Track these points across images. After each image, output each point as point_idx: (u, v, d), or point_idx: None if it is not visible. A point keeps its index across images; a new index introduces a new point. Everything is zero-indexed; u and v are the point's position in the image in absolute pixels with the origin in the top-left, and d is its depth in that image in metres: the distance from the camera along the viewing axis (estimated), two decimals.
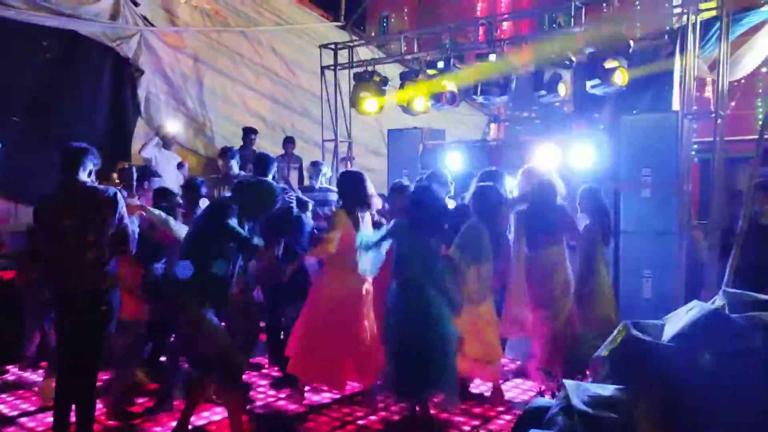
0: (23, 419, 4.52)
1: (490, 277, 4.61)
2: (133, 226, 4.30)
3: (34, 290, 5.07)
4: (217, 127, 8.77)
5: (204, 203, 4.98)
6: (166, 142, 7.57)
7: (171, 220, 4.46)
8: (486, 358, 4.62)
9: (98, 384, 3.95)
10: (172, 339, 4.82)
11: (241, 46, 9.04)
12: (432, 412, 4.40)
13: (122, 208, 3.78)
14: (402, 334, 4.18)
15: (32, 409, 4.68)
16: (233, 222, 3.87)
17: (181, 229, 4.39)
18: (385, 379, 4.40)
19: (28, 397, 4.93)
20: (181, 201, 5.05)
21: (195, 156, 8.49)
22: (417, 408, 4.33)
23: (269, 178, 4.80)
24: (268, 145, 8.67)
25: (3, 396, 4.98)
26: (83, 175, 3.77)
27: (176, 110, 8.35)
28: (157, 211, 4.44)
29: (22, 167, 6.45)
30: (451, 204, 5.02)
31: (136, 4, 7.95)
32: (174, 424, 4.03)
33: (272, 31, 9.30)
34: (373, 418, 4.55)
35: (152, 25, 8.13)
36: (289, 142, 8.25)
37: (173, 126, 7.76)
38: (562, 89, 6.76)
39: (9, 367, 5.57)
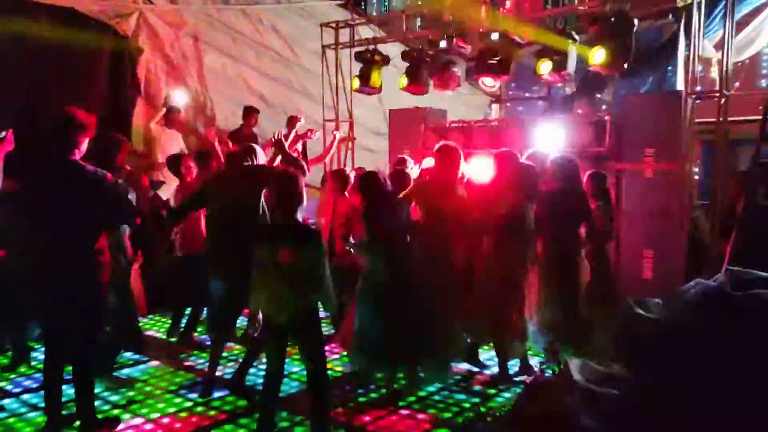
0: (27, 396, 4.57)
1: None
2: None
3: None
4: (218, 107, 8.71)
5: None
6: (169, 121, 7.53)
7: None
8: None
9: None
10: None
11: (241, 24, 8.94)
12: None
13: (117, 190, 3.84)
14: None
15: (35, 385, 4.71)
16: None
17: None
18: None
19: (31, 374, 4.96)
20: None
21: (197, 135, 8.44)
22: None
23: None
24: (268, 124, 8.63)
25: (4, 374, 5.02)
26: (77, 153, 3.76)
27: (176, 89, 8.28)
28: None
29: (18, 146, 6.41)
30: None
31: None
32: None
33: (273, 9, 9.19)
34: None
35: (151, 3, 8.04)
36: (292, 120, 8.18)
37: (181, 97, 7.71)
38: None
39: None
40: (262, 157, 4.83)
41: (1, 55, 6.75)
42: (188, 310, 5.94)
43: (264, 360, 4.18)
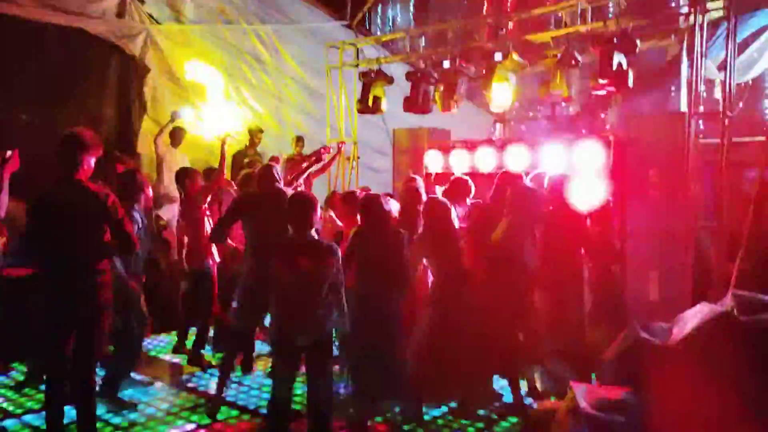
0: (28, 417, 4.54)
1: None
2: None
3: None
4: (223, 126, 8.74)
5: None
6: (174, 141, 7.58)
7: None
8: None
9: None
10: None
11: (247, 44, 9.04)
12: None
13: (118, 212, 3.78)
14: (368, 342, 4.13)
15: (37, 406, 4.68)
16: None
17: None
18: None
19: (32, 395, 4.94)
20: None
21: (201, 154, 8.47)
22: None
23: None
24: (273, 143, 8.68)
25: (8, 394, 5.00)
26: (83, 173, 3.77)
27: (182, 108, 8.35)
28: None
29: (28, 165, 6.46)
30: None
31: (142, 2, 7.96)
32: None
33: (277, 30, 9.29)
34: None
35: (158, 23, 8.13)
36: (298, 141, 8.25)
37: (187, 112, 7.76)
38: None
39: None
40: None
41: (11, 74, 6.84)
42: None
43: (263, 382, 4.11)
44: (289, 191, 4.83)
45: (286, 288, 3.61)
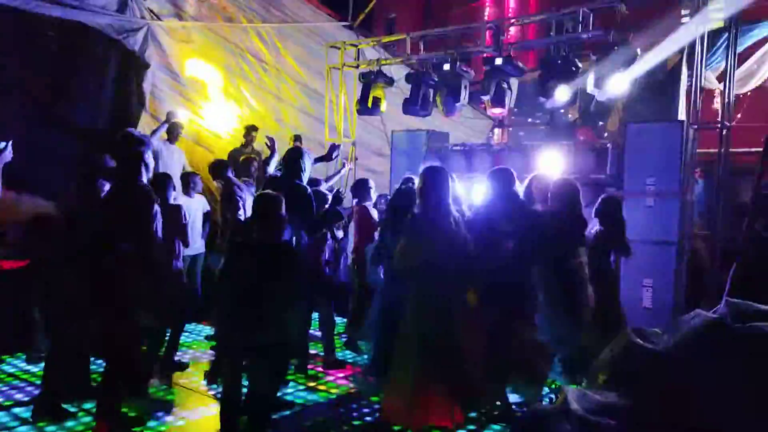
0: (18, 409, 4.51)
1: None
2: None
3: None
4: (221, 123, 8.76)
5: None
6: (171, 136, 7.55)
7: None
8: None
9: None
10: None
11: (247, 42, 9.03)
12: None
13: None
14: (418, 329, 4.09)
15: (27, 399, 4.65)
16: None
17: None
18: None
19: (22, 387, 4.91)
20: None
21: (199, 151, 8.47)
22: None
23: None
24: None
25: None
26: (144, 176, 4.02)
27: (180, 105, 8.33)
28: None
29: (25, 157, 6.44)
30: None
31: None
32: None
33: (279, 29, 9.29)
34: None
35: (159, 19, 8.12)
36: (296, 140, 8.25)
37: (183, 114, 7.74)
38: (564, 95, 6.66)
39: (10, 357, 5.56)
40: None
41: (7, 67, 6.81)
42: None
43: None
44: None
45: (250, 288, 3.56)
